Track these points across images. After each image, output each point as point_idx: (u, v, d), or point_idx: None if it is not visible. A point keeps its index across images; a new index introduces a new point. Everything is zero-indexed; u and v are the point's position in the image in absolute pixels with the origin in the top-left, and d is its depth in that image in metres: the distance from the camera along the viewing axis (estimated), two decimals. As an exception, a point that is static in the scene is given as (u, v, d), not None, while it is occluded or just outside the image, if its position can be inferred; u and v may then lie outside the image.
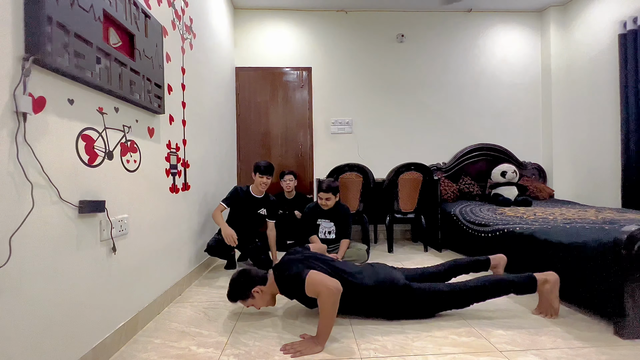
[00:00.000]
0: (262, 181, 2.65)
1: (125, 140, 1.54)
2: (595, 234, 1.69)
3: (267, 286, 1.70)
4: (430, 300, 1.69)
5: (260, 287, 1.69)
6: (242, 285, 1.69)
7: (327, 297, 1.42)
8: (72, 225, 1.19)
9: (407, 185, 3.26)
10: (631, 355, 1.34)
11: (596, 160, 3.73)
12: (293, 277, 1.54)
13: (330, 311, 1.43)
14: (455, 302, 1.71)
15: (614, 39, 3.47)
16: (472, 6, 4.09)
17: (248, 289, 1.68)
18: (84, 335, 1.25)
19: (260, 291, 1.68)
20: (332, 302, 1.43)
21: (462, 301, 1.70)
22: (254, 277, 1.70)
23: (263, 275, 1.73)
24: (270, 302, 1.75)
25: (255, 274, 1.72)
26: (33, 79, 1.02)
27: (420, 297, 1.68)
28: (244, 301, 1.70)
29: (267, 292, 1.70)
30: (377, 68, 4.13)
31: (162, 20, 1.94)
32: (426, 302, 1.69)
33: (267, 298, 1.72)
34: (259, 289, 1.68)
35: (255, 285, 1.68)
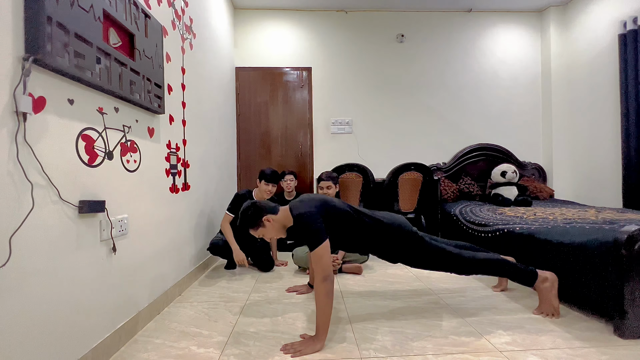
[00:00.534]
0: (267, 189, 2.62)
1: (125, 140, 1.54)
2: (595, 234, 1.69)
3: (278, 216, 1.65)
4: (436, 255, 1.73)
5: (272, 215, 1.64)
6: (253, 213, 1.64)
7: (320, 283, 1.42)
8: (72, 225, 1.19)
9: (407, 185, 3.26)
10: (631, 355, 1.34)
11: (596, 160, 3.73)
12: (311, 232, 1.49)
13: (324, 302, 1.43)
14: (456, 267, 1.75)
15: (614, 39, 3.47)
16: (472, 6, 4.09)
17: (259, 216, 1.63)
18: (84, 335, 1.25)
19: (271, 219, 1.64)
20: (325, 291, 1.42)
21: (464, 268, 1.75)
22: (264, 206, 1.67)
23: (274, 206, 1.69)
24: (280, 233, 1.69)
25: (266, 204, 1.68)
26: (33, 79, 1.03)
27: (427, 249, 1.72)
28: (255, 230, 1.66)
29: (278, 222, 1.65)
30: (377, 68, 4.13)
31: (162, 20, 1.94)
32: (432, 256, 1.73)
33: (278, 227, 1.66)
34: (270, 217, 1.63)
35: (266, 213, 1.64)
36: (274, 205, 1.69)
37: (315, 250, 1.45)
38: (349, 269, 2.54)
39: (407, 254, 1.74)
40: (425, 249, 1.72)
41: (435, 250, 1.73)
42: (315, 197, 1.66)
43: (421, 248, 1.72)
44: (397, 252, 1.74)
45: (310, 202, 1.58)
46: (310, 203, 1.58)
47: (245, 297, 2.07)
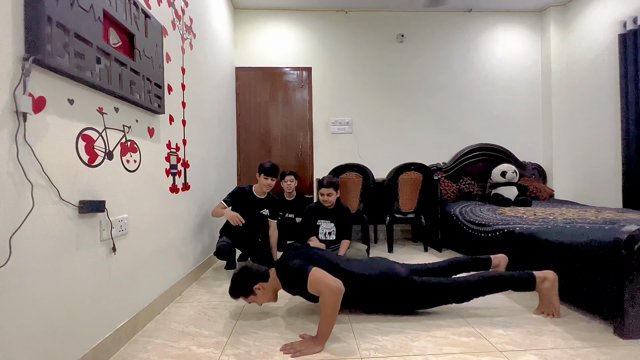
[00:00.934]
0: (266, 183, 2.63)
1: (125, 140, 1.54)
2: (595, 234, 1.69)
3: (268, 282, 1.69)
4: (431, 293, 1.71)
5: (262, 283, 1.68)
6: (244, 281, 1.68)
7: (328, 297, 1.42)
8: (72, 225, 1.19)
9: (407, 185, 3.26)
10: (631, 355, 1.34)
11: (596, 160, 3.73)
12: (296, 273, 1.54)
13: (331, 311, 1.42)
14: (455, 296, 1.72)
15: (614, 39, 3.47)
16: (472, 6, 4.09)
17: (250, 285, 1.67)
18: (84, 335, 1.25)
19: (262, 287, 1.68)
20: (334, 302, 1.42)
21: (463, 295, 1.72)
22: (255, 273, 1.70)
23: (264, 271, 1.73)
24: (272, 298, 1.74)
25: (256, 271, 1.71)
26: (33, 79, 1.03)
27: (421, 290, 1.69)
28: (246, 297, 1.70)
29: (269, 289, 1.69)
30: (377, 68, 4.13)
31: (162, 20, 1.94)
32: (427, 294, 1.71)
33: (269, 294, 1.71)
34: (261, 285, 1.68)
35: (257, 281, 1.68)
36: (264, 271, 1.73)
37: (309, 277, 1.48)
38: (349, 269, 2.54)
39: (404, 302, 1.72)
40: (417, 290, 1.69)
41: (427, 287, 1.70)
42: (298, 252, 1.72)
43: (414, 290, 1.69)
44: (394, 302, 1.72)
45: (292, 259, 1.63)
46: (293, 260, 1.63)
47: (245, 297, 2.07)
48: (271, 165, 2.64)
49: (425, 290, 1.70)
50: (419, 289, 1.69)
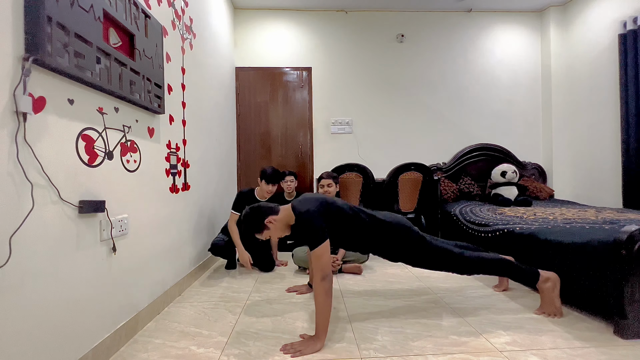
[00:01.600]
0: (267, 189, 2.62)
1: (125, 140, 1.54)
2: (595, 234, 1.69)
3: (280, 216, 1.67)
4: (438, 256, 1.73)
5: (274, 216, 1.65)
6: (256, 217, 1.65)
7: (319, 283, 1.42)
8: (72, 225, 1.19)
9: (407, 185, 3.26)
10: (631, 355, 1.34)
11: (596, 160, 3.73)
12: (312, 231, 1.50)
13: (323, 302, 1.43)
14: (458, 267, 1.75)
15: (614, 39, 3.47)
16: (472, 6, 4.08)
17: (262, 219, 1.64)
18: (84, 335, 1.25)
19: (274, 221, 1.65)
20: (324, 290, 1.42)
21: (465, 268, 1.75)
22: (266, 208, 1.68)
23: (275, 206, 1.71)
24: (285, 230, 1.71)
25: (266, 206, 1.70)
26: (33, 79, 1.03)
27: (430, 250, 1.72)
28: (260, 233, 1.67)
29: (281, 221, 1.67)
30: (377, 68, 4.13)
31: (162, 20, 1.94)
32: (434, 256, 1.73)
33: (282, 226, 1.68)
34: (273, 219, 1.65)
35: (268, 215, 1.65)
36: (273, 205, 1.70)
37: (315, 249, 1.45)
38: (348, 269, 2.54)
39: (408, 253, 1.74)
40: (426, 248, 1.72)
41: (436, 250, 1.73)
42: (316, 196, 1.67)
43: (422, 247, 1.72)
44: (399, 250, 1.74)
45: (312, 201, 1.59)
46: (312, 202, 1.59)
47: (246, 297, 2.07)
48: (272, 172, 2.63)
49: (433, 251, 1.73)
50: (427, 247, 1.72)
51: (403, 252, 1.74)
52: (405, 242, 1.71)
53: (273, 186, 2.64)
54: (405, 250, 1.73)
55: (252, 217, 1.66)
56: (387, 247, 1.73)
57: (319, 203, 1.59)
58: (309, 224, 1.50)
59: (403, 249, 1.73)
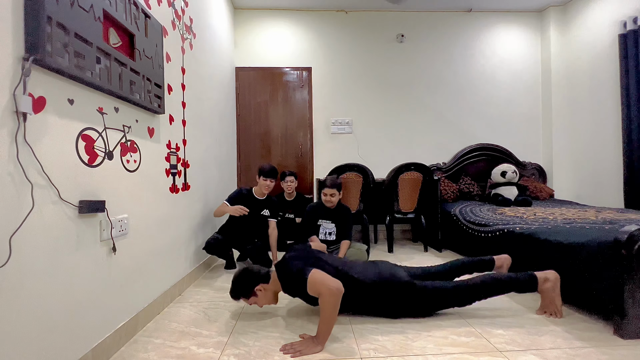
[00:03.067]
0: (265, 184, 2.65)
1: (125, 140, 1.54)
2: (595, 234, 1.69)
3: (269, 284, 1.69)
4: (433, 298, 1.70)
5: (263, 285, 1.68)
6: (245, 283, 1.68)
7: (328, 298, 1.42)
8: (72, 225, 1.19)
9: (407, 185, 3.26)
10: (631, 355, 1.34)
11: (597, 160, 3.73)
12: (295, 275, 1.54)
13: (330, 312, 1.42)
14: (457, 300, 1.71)
15: (614, 39, 3.47)
16: (472, 6, 4.09)
17: (251, 286, 1.68)
18: (83, 335, 1.25)
19: (262, 289, 1.68)
20: (333, 303, 1.42)
21: (464, 299, 1.71)
22: (256, 275, 1.70)
23: (265, 273, 1.73)
24: (272, 300, 1.74)
25: (257, 272, 1.72)
26: (33, 79, 1.03)
27: (422, 295, 1.68)
28: (247, 299, 1.71)
29: (269, 290, 1.70)
30: (377, 68, 4.13)
31: (162, 20, 1.94)
32: (428, 299, 1.69)
33: (270, 296, 1.71)
34: (262, 287, 1.68)
35: (257, 283, 1.68)
36: (266, 272, 1.74)
37: (308, 279, 1.47)
38: (349, 269, 2.54)
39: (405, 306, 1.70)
40: (421, 295, 1.68)
41: (431, 293, 1.69)
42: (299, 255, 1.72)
43: (415, 295, 1.68)
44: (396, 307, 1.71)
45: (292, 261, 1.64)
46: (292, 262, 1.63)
47: (245, 297, 2.07)
48: (270, 167, 2.68)
49: (426, 295, 1.69)
50: (420, 294, 1.68)
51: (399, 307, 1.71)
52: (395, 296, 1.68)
53: (271, 181, 2.66)
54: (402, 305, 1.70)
55: (242, 280, 1.70)
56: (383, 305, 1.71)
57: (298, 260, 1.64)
58: (292, 274, 1.56)
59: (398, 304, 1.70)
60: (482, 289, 1.70)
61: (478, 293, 1.70)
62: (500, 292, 1.72)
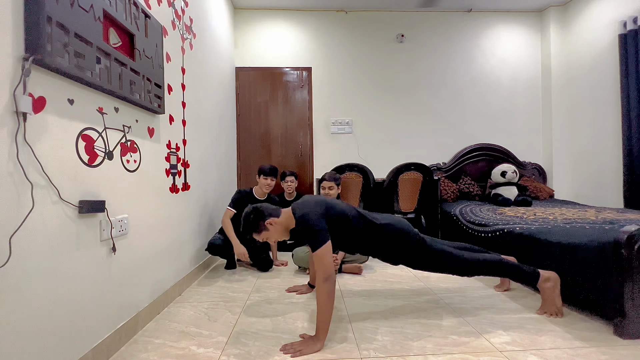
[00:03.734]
0: (266, 183, 2.66)
1: (125, 140, 1.54)
2: (595, 234, 1.69)
3: (281, 218, 1.67)
4: (438, 257, 1.73)
5: (274, 218, 1.65)
6: (256, 217, 1.65)
7: (320, 283, 1.42)
8: (72, 225, 1.19)
9: (407, 185, 3.26)
10: (631, 355, 1.34)
11: (597, 160, 3.73)
12: (312, 233, 1.49)
13: (325, 303, 1.43)
14: (459, 269, 1.75)
15: (614, 39, 3.47)
16: (472, 6, 4.08)
17: (261, 219, 1.64)
18: (83, 335, 1.25)
19: (274, 222, 1.65)
20: (327, 292, 1.42)
21: (466, 270, 1.75)
22: (268, 209, 1.68)
23: (276, 208, 1.71)
24: (284, 234, 1.71)
25: (267, 207, 1.69)
26: (33, 79, 1.03)
27: (429, 251, 1.72)
28: (258, 234, 1.67)
29: (281, 224, 1.66)
30: (377, 68, 4.13)
31: (162, 20, 1.94)
32: (434, 259, 1.73)
33: (281, 230, 1.68)
34: (273, 220, 1.65)
35: (268, 216, 1.65)
36: (275, 207, 1.70)
37: (317, 251, 1.45)
38: (349, 269, 2.54)
39: (409, 256, 1.74)
40: (426, 251, 1.72)
41: (436, 252, 1.73)
42: (317, 198, 1.66)
43: (422, 250, 1.72)
44: (399, 254, 1.73)
45: (312, 204, 1.59)
46: (312, 204, 1.58)
47: (246, 297, 2.07)
48: (270, 166, 2.68)
49: (433, 254, 1.73)
50: (427, 249, 1.72)
51: (403, 255, 1.74)
52: (405, 245, 1.71)
53: (272, 180, 2.66)
54: (405, 254, 1.73)
55: (252, 215, 1.65)
56: (387, 250, 1.73)
57: (319, 206, 1.58)
58: (311, 227, 1.50)
59: (403, 252, 1.72)
60: (486, 265, 1.74)
61: (481, 268, 1.75)
62: (502, 274, 1.79)
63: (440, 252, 1.74)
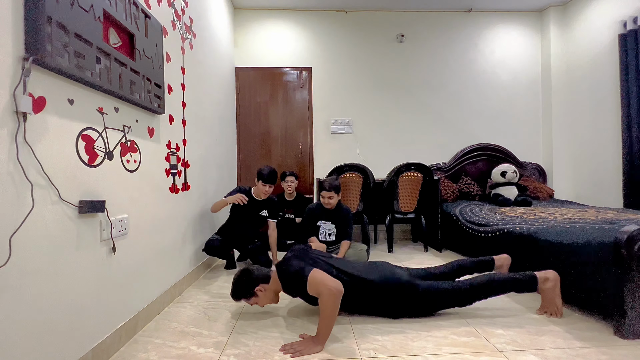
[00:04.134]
0: (264, 189, 2.63)
1: (125, 140, 1.54)
2: (596, 234, 1.69)
3: (270, 284, 1.70)
4: (433, 298, 1.70)
5: (264, 285, 1.69)
6: (246, 284, 1.69)
7: (327, 298, 1.42)
8: (72, 225, 1.19)
9: (407, 185, 3.26)
10: (631, 355, 1.34)
11: (597, 159, 3.73)
12: (295, 275, 1.54)
13: (330, 312, 1.42)
14: (457, 301, 1.71)
15: (614, 39, 3.47)
16: (472, 6, 4.08)
17: (251, 287, 1.68)
18: (83, 335, 1.25)
19: (263, 289, 1.69)
20: (333, 303, 1.42)
21: (464, 299, 1.71)
22: (257, 275, 1.71)
23: (266, 273, 1.73)
24: (273, 300, 1.75)
25: (258, 272, 1.72)
26: (33, 79, 1.03)
27: (423, 295, 1.68)
28: (248, 300, 1.71)
29: (270, 290, 1.70)
30: (377, 68, 4.13)
31: (162, 20, 1.94)
32: (429, 299, 1.70)
33: (271, 296, 1.72)
34: (262, 287, 1.69)
35: (258, 283, 1.69)
36: (266, 272, 1.74)
37: (308, 278, 1.48)
38: (349, 269, 2.54)
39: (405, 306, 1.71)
40: (422, 295, 1.69)
41: (431, 293, 1.69)
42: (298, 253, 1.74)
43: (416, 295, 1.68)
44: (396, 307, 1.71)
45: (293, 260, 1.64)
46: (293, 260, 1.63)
47: (245, 297, 2.07)
48: (269, 172, 2.62)
49: (427, 295, 1.69)
50: (421, 294, 1.68)
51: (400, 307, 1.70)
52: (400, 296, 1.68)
53: (270, 187, 2.64)
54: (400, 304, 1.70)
55: (243, 281, 1.70)
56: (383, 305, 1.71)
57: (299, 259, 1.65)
58: (289, 274, 1.57)
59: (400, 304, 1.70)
60: (483, 289, 1.70)
61: (478, 293, 1.70)
62: (501, 292, 1.72)
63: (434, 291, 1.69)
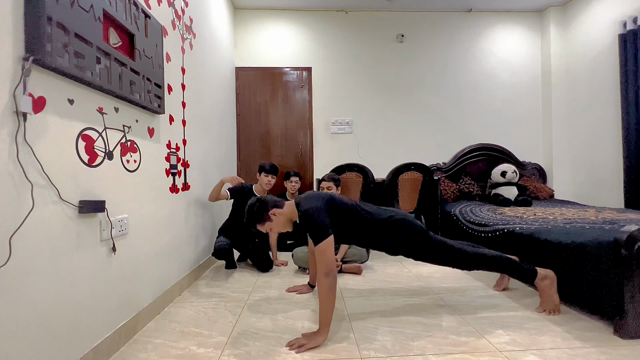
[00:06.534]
0: (266, 180, 2.66)
1: (125, 140, 1.54)
2: (595, 234, 1.69)
3: (284, 210, 1.69)
4: (441, 251, 1.75)
5: (277, 209, 1.67)
6: (259, 208, 1.67)
7: (320, 277, 1.45)
8: (72, 225, 1.19)
9: (407, 185, 3.26)
10: (631, 355, 1.34)
11: (597, 159, 3.73)
12: (316, 227, 1.51)
13: (326, 297, 1.45)
14: (461, 263, 1.77)
15: (614, 39, 3.47)
16: (472, 6, 4.09)
17: (266, 210, 1.67)
18: (84, 335, 1.25)
19: (277, 213, 1.67)
20: (328, 286, 1.45)
21: (466, 263, 1.77)
22: (270, 200, 1.71)
23: (279, 200, 1.73)
24: (287, 226, 1.73)
25: (271, 198, 1.72)
26: (33, 79, 1.02)
27: (433, 245, 1.74)
28: (262, 225, 1.69)
29: (284, 215, 1.69)
30: (377, 68, 4.13)
31: (162, 20, 1.94)
32: (437, 250, 1.75)
33: (284, 220, 1.70)
34: (277, 211, 1.67)
35: (273, 207, 1.67)
36: (279, 199, 1.73)
37: (320, 244, 1.47)
38: (348, 269, 2.54)
39: (411, 246, 1.76)
40: (428, 242, 1.74)
41: (438, 243, 1.76)
42: (320, 193, 1.70)
43: (425, 240, 1.74)
44: (401, 243, 1.75)
45: (316, 198, 1.62)
46: (316, 199, 1.62)
47: (246, 297, 2.07)
48: (271, 164, 2.71)
49: (436, 246, 1.75)
50: (431, 243, 1.74)
51: (405, 245, 1.76)
52: (407, 235, 1.72)
53: (272, 177, 2.67)
54: (407, 243, 1.75)
55: (256, 206, 1.68)
56: (389, 240, 1.75)
57: (323, 200, 1.62)
58: (314, 220, 1.52)
59: (405, 241, 1.74)
60: (486, 260, 1.77)
61: (480, 263, 1.77)
62: (500, 269, 1.82)
63: (441, 244, 1.76)
